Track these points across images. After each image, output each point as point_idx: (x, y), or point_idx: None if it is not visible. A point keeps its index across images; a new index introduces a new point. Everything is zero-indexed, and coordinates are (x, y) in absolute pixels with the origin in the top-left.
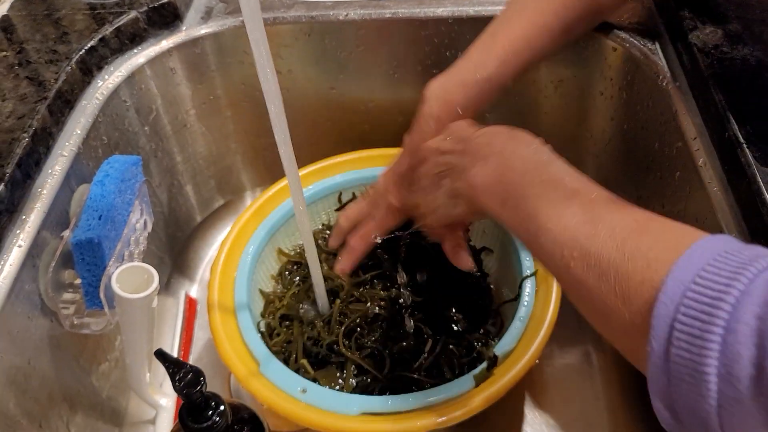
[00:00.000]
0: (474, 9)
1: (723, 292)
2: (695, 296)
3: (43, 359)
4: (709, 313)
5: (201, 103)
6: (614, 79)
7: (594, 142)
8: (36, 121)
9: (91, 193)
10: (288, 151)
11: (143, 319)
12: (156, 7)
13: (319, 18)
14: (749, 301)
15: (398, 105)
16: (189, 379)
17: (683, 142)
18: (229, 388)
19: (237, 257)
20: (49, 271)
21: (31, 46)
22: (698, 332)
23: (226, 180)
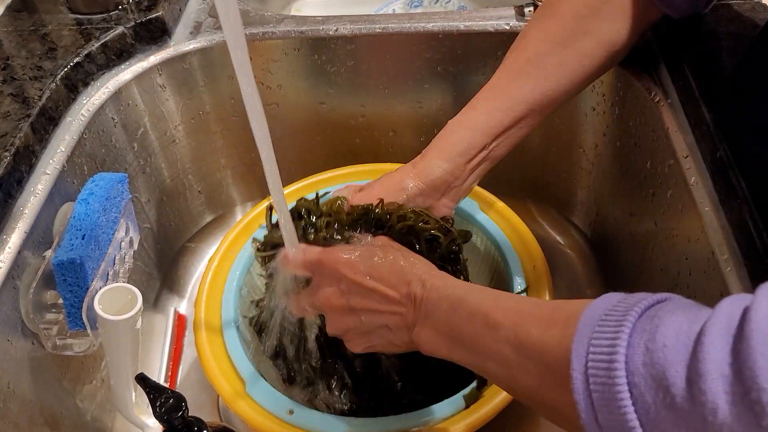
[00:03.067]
0: (464, 24)
1: (613, 353)
2: (594, 359)
3: (23, 382)
4: (610, 375)
5: (190, 118)
6: (606, 95)
7: (586, 158)
8: (18, 139)
9: (75, 212)
10: (273, 170)
11: (127, 341)
12: (144, 23)
13: (309, 33)
14: (634, 352)
15: (388, 120)
16: (170, 405)
17: (675, 159)
18: (218, 406)
19: (225, 274)
20: (30, 292)
21: (16, 62)
22: (608, 383)
23: (216, 195)
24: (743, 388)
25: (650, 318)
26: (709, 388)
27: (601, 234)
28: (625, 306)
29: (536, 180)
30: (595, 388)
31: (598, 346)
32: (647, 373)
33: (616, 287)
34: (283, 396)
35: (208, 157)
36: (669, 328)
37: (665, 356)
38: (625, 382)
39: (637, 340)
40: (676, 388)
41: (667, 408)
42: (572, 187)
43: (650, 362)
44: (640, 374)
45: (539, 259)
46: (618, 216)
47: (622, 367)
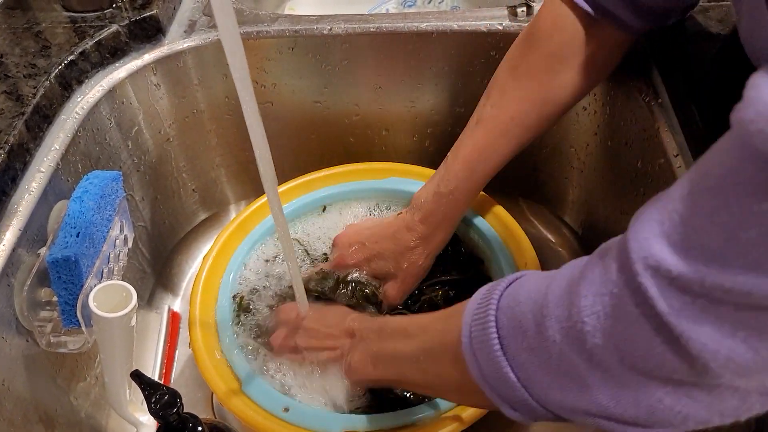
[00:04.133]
0: (457, 24)
1: (489, 305)
2: (477, 312)
3: (17, 380)
4: (486, 312)
5: (184, 116)
6: (598, 95)
7: (578, 157)
8: (12, 136)
9: (70, 210)
10: (268, 169)
11: (122, 338)
12: (138, 21)
13: (304, 32)
14: (503, 308)
15: (383, 119)
16: (165, 401)
17: (665, 159)
18: (212, 404)
19: (220, 272)
20: (25, 289)
21: (10, 59)
22: (484, 339)
23: (210, 193)
24: (571, 323)
25: (513, 287)
26: (549, 326)
27: (593, 232)
28: (495, 284)
29: (528, 179)
30: (476, 346)
31: (477, 314)
32: (509, 325)
33: None
34: (278, 393)
35: (203, 155)
36: (524, 290)
37: (521, 310)
38: (496, 336)
39: (503, 303)
40: (530, 331)
41: (526, 350)
42: (564, 186)
43: (511, 315)
44: (505, 327)
45: (531, 257)
46: (609, 214)
47: (493, 325)
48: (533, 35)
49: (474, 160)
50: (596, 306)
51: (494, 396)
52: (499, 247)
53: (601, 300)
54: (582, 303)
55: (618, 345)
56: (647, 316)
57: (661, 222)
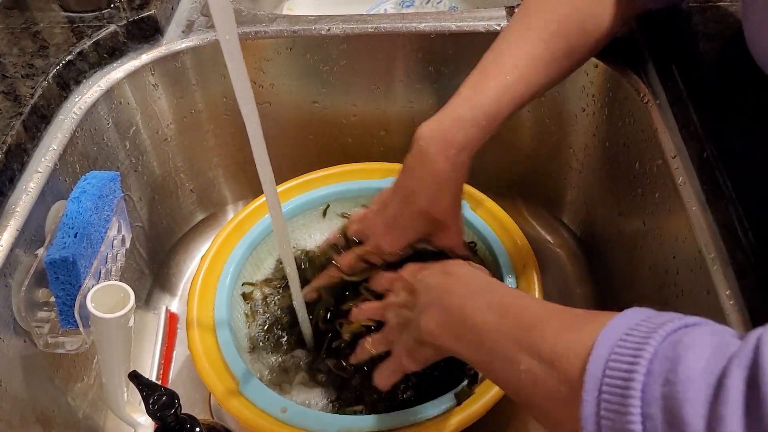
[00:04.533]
0: (456, 24)
1: (630, 379)
2: (610, 382)
3: (15, 380)
4: (624, 402)
5: (182, 117)
6: (596, 96)
7: (576, 158)
8: (10, 137)
9: (67, 210)
10: (266, 169)
11: (119, 339)
12: (136, 21)
13: (302, 32)
14: (653, 381)
15: (381, 119)
16: (163, 402)
17: (663, 160)
18: (210, 405)
19: (217, 273)
20: (22, 290)
21: (7, 59)
22: (621, 411)
23: (208, 194)
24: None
25: (673, 345)
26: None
27: (591, 233)
28: (648, 327)
29: (526, 179)
30: (606, 414)
31: (615, 369)
32: (664, 406)
33: (605, 286)
34: (275, 394)
35: (200, 155)
36: (693, 361)
37: (686, 391)
38: (639, 412)
39: (657, 368)
40: (693, 426)
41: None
42: (562, 187)
43: (669, 395)
44: (657, 406)
45: (529, 258)
46: (607, 215)
47: (638, 395)
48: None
49: (500, 87)
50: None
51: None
52: (497, 247)
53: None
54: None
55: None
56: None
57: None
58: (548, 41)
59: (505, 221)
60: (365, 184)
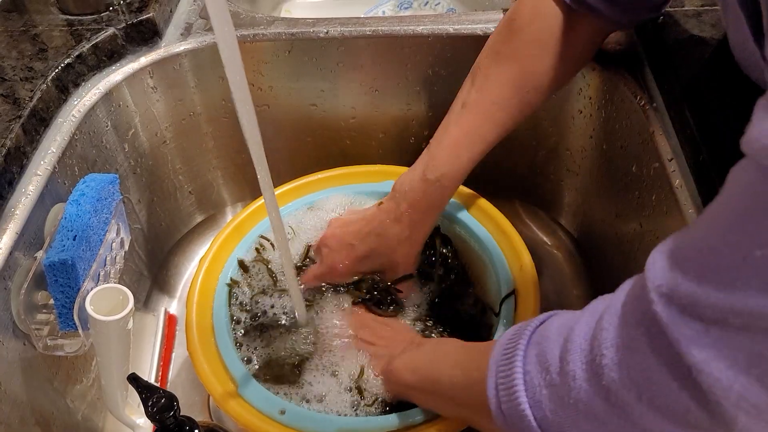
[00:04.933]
0: (453, 27)
1: (515, 348)
2: (507, 347)
3: (14, 383)
4: (515, 345)
5: (181, 119)
6: (593, 99)
7: (573, 160)
8: (9, 140)
9: (66, 213)
10: (264, 171)
11: (118, 341)
12: (135, 24)
13: (300, 35)
14: (534, 336)
15: (379, 121)
16: (162, 404)
17: (660, 162)
18: (209, 406)
19: (216, 275)
20: (22, 292)
21: (6, 62)
22: (508, 373)
23: (207, 196)
24: (592, 356)
25: (545, 324)
26: (572, 359)
27: (588, 235)
28: (528, 321)
29: (524, 181)
30: (500, 379)
31: (506, 349)
32: (536, 359)
33: (602, 287)
34: (274, 396)
35: (199, 158)
36: (552, 326)
37: (547, 345)
38: (521, 369)
39: (533, 339)
40: (552, 366)
41: (547, 385)
42: (559, 189)
43: (537, 351)
44: (532, 362)
45: (526, 260)
46: (604, 217)
47: (520, 358)
48: (514, 21)
49: (460, 145)
50: (617, 338)
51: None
52: (495, 249)
53: (619, 332)
54: (603, 335)
55: (634, 379)
56: (661, 347)
57: (676, 249)
58: (498, 103)
59: (502, 223)
60: (363, 187)
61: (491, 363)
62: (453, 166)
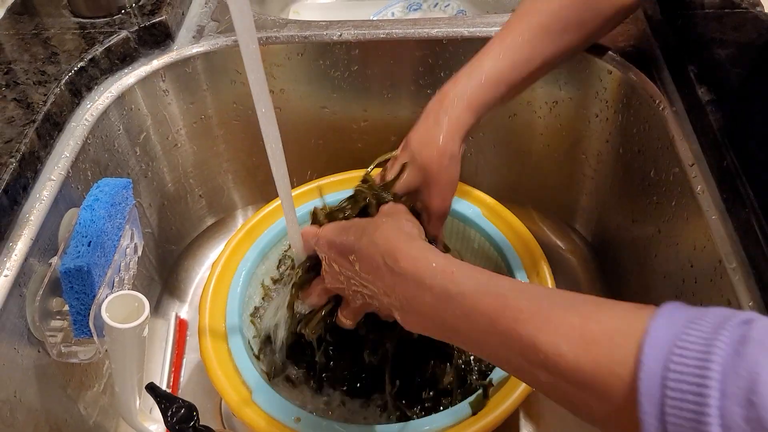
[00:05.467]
0: (468, 30)
1: (704, 368)
2: (678, 374)
3: (29, 391)
4: (699, 393)
5: (192, 122)
6: (609, 102)
7: (589, 164)
8: (24, 145)
9: (81, 218)
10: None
11: (134, 348)
12: (147, 27)
13: (313, 38)
14: (731, 403)
15: (391, 125)
16: (182, 415)
17: (680, 168)
18: (221, 412)
19: (229, 280)
20: (37, 299)
21: (18, 66)
22: (693, 414)
23: (217, 199)
24: None
25: (738, 354)
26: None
27: (603, 239)
28: (702, 332)
29: (538, 185)
30: (673, 396)
31: (677, 390)
32: (739, 391)
33: (617, 292)
34: (289, 403)
35: (210, 161)
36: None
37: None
38: (717, 403)
39: (732, 388)
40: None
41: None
42: (574, 193)
43: (756, 418)
44: (742, 430)
45: (542, 264)
46: (620, 222)
47: (716, 422)
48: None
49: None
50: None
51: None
52: (511, 254)
53: None
54: None
55: None
56: None
57: None
58: (558, 12)
59: (518, 228)
60: None
61: (646, 412)
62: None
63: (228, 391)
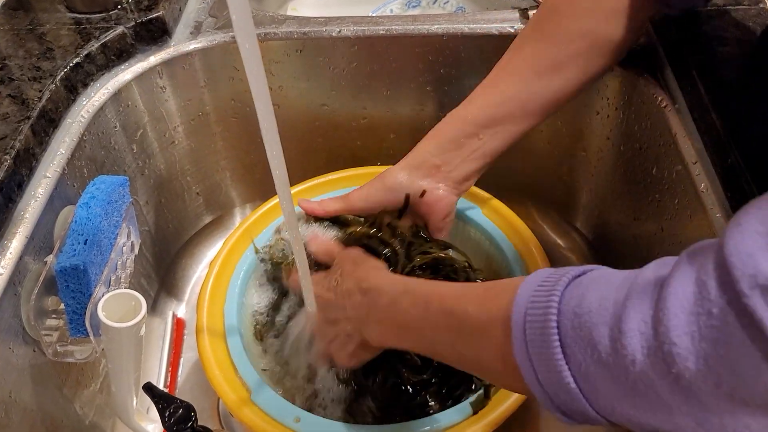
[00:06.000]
0: (468, 26)
1: (548, 307)
2: (532, 327)
3: (25, 391)
4: (545, 314)
5: (189, 119)
6: (611, 99)
7: (589, 162)
8: (18, 141)
9: (77, 216)
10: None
11: (130, 347)
12: (144, 22)
13: (312, 34)
14: (565, 312)
15: (390, 122)
16: (180, 415)
17: (683, 165)
18: (218, 412)
19: (227, 279)
20: (32, 298)
21: (13, 62)
22: (544, 346)
23: (215, 197)
24: (657, 342)
25: (577, 286)
26: (629, 343)
27: (604, 238)
28: (555, 277)
29: (538, 182)
30: (533, 351)
31: (532, 314)
32: (576, 334)
33: None
34: (288, 403)
35: (208, 158)
36: (594, 295)
37: (591, 320)
38: (558, 344)
39: (565, 307)
40: (601, 345)
41: (596, 362)
42: (575, 191)
43: (578, 325)
44: (570, 336)
45: (542, 263)
46: (621, 220)
47: (554, 331)
48: None
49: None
50: (691, 326)
51: (546, 399)
52: (510, 251)
53: (696, 320)
54: (672, 322)
55: (716, 370)
56: (756, 341)
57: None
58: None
59: (518, 225)
60: None
61: (515, 328)
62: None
63: (226, 391)
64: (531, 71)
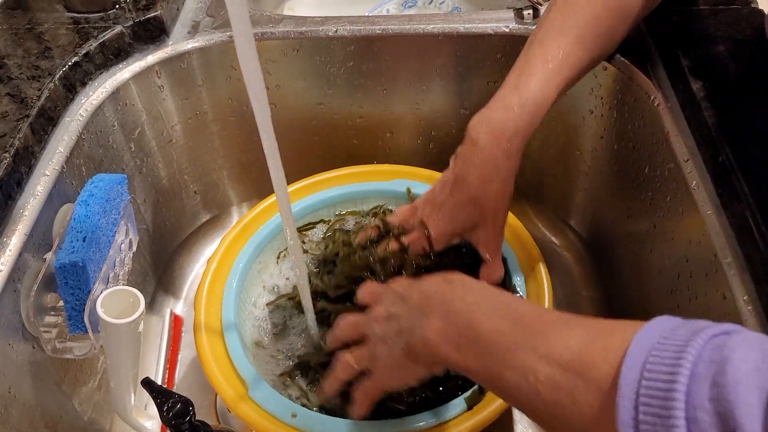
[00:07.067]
0: (464, 26)
1: (672, 381)
2: (649, 385)
3: (24, 387)
4: (666, 405)
5: (187, 118)
6: (604, 98)
7: (583, 160)
8: (18, 140)
9: (75, 214)
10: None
11: (129, 344)
12: (142, 22)
13: (309, 34)
14: (699, 384)
15: (386, 121)
16: (177, 410)
17: (675, 163)
18: (216, 408)
19: (224, 276)
20: (31, 295)
21: (12, 61)
22: (662, 416)
23: (212, 195)
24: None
25: (718, 348)
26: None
27: (598, 235)
28: (687, 331)
29: (533, 182)
30: (645, 419)
31: (654, 371)
32: (713, 410)
33: (612, 288)
34: (285, 399)
35: (205, 157)
36: (741, 363)
37: (737, 395)
38: (683, 416)
39: (702, 371)
40: (747, 428)
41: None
42: (569, 189)
43: (717, 398)
44: (705, 410)
45: (538, 261)
46: (615, 218)
47: (681, 398)
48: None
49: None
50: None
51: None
52: (506, 250)
53: None
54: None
55: None
56: None
57: None
58: (588, 23)
59: (513, 223)
60: (372, 186)
61: (622, 394)
62: (539, 93)
63: (224, 387)
64: (593, 35)
